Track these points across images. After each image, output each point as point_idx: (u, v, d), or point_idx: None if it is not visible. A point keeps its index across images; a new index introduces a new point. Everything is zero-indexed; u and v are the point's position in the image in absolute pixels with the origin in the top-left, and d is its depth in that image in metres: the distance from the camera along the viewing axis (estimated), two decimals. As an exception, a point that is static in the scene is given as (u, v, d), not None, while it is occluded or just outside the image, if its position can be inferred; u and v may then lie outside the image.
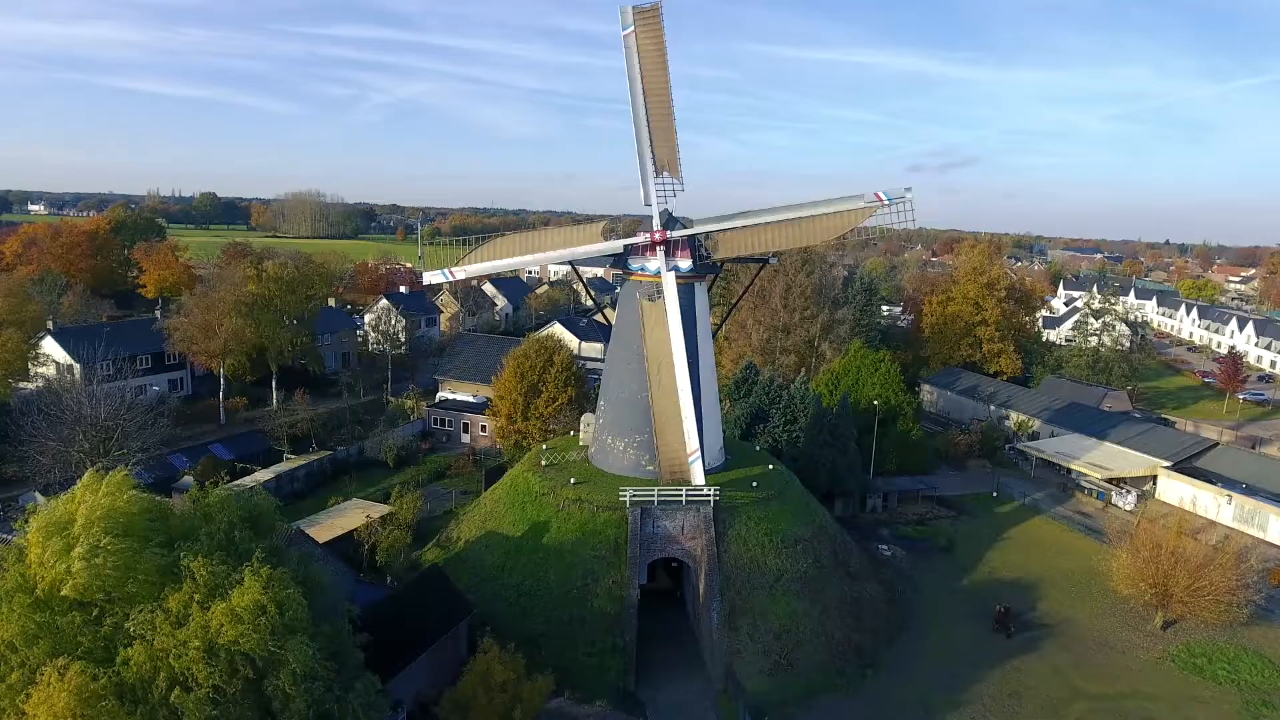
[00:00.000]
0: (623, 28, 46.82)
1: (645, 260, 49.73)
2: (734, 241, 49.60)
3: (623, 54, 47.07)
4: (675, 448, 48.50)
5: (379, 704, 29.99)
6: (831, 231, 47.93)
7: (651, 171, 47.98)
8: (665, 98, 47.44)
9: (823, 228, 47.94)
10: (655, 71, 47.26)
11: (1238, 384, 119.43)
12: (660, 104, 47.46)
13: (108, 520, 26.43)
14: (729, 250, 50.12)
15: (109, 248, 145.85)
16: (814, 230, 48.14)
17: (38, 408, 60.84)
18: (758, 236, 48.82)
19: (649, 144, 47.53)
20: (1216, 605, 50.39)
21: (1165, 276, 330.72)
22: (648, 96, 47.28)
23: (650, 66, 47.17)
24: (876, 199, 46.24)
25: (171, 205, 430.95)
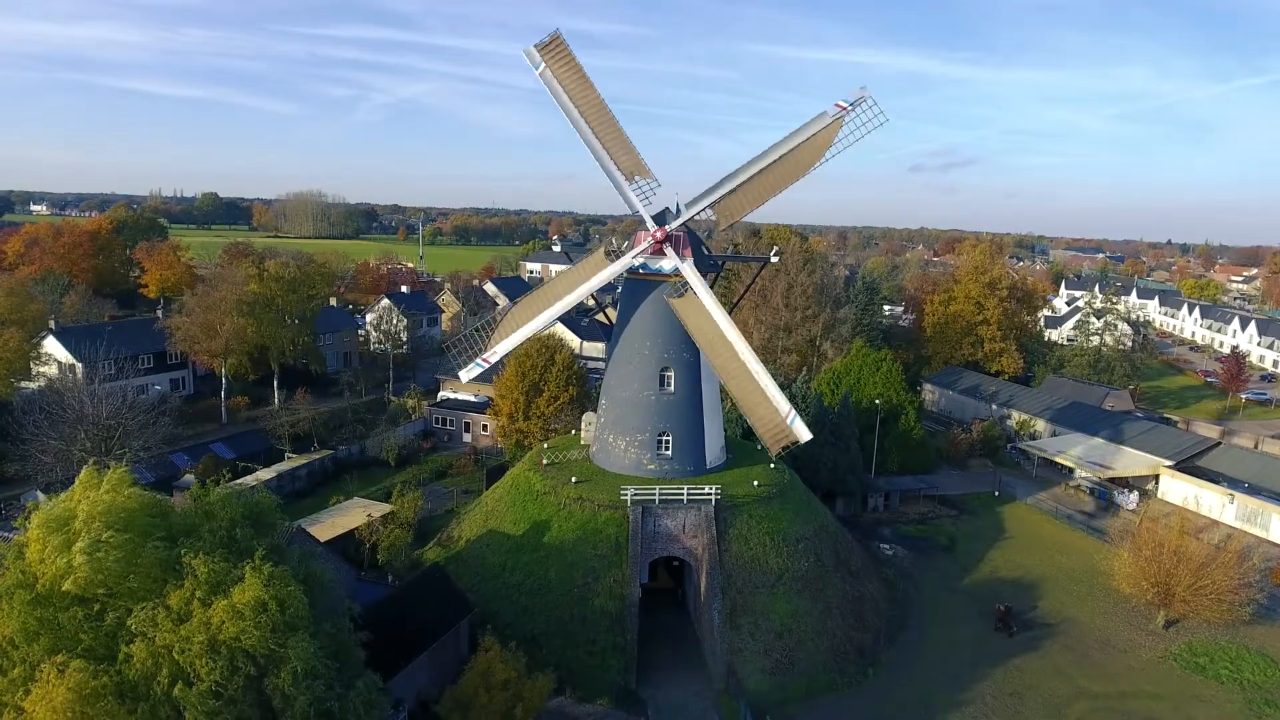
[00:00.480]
0: (535, 68, 47.25)
1: (660, 262, 49.37)
2: (732, 206, 48.55)
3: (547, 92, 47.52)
4: (769, 418, 46.87)
5: (380, 702, 29.96)
6: (814, 156, 46.77)
7: (624, 181, 47.77)
8: (603, 111, 47.55)
9: (805, 157, 47.00)
10: (582, 92, 47.41)
11: (1240, 384, 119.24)
12: (602, 118, 47.54)
13: (109, 516, 26.44)
14: (729, 216, 49.03)
15: (111, 248, 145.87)
16: (798, 162, 47.13)
17: (40, 407, 60.94)
18: (750, 191, 47.90)
19: (610, 159, 47.54)
20: (1219, 604, 50.33)
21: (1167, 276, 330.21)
22: (587, 117, 47.40)
23: (576, 90, 47.39)
24: (839, 108, 45.87)
25: (173, 205, 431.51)
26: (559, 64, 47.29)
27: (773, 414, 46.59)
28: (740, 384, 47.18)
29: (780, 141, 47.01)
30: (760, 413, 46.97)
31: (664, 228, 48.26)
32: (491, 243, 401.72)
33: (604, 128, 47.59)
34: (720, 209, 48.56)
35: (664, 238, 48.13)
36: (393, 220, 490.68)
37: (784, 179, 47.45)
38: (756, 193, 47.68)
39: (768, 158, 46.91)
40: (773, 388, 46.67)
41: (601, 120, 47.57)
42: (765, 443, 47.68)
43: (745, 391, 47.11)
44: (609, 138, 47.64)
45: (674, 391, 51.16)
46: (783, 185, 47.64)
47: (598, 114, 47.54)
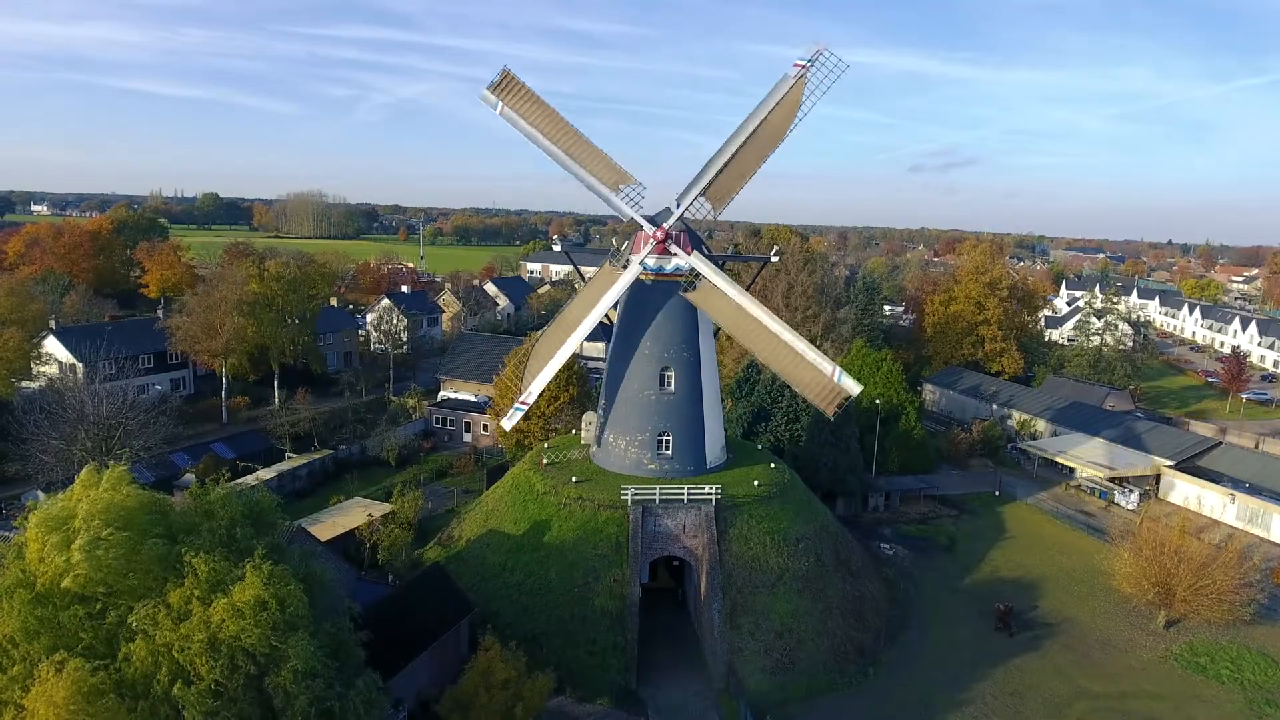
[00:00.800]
0: (494, 109, 47.62)
1: (669, 261, 49.35)
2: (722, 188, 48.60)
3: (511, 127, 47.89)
4: (816, 380, 46.61)
5: (380, 701, 29.96)
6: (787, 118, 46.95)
7: (610, 193, 48.04)
8: (571, 133, 47.86)
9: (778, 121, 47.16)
10: (545, 119, 47.73)
11: (1241, 384, 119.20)
12: (570, 138, 47.85)
13: (108, 514, 26.42)
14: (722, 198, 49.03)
15: (111, 248, 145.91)
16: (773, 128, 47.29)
17: (40, 406, 60.93)
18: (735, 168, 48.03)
19: (591, 176, 47.83)
20: (1219, 604, 50.29)
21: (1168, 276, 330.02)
22: (557, 142, 47.70)
23: (540, 119, 47.72)
24: (798, 67, 46.15)
25: (174, 205, 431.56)
26: (516, 99, 47.84)
27: (818, 376, 46.39)
28: (778, 356, 47.27)
29: (752, 113, 47.37)
30: (805, 377, 46.78)
31: (663, 226, 48.23)
32: (492, 243, 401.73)
33: (576, 148, 48.06)
34: (712, 194, 48.70)
35: (665, 236, 48.08)
36: (393, 220, 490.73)
37: (764, 148, 47.82)
38: (742, 168, 47.98)
39: (744, 131, 47.22)
40: (811, 351, 46.73)
41: (572, 141, 48.04)
42: (819, 405, 47.16)
43: (785, 362, 47.14)
44: (584, 156, 48.09)
45: (674, 391, 51.14)
46: (764, 154, 47.96)
47: (566, 136, 48.01)
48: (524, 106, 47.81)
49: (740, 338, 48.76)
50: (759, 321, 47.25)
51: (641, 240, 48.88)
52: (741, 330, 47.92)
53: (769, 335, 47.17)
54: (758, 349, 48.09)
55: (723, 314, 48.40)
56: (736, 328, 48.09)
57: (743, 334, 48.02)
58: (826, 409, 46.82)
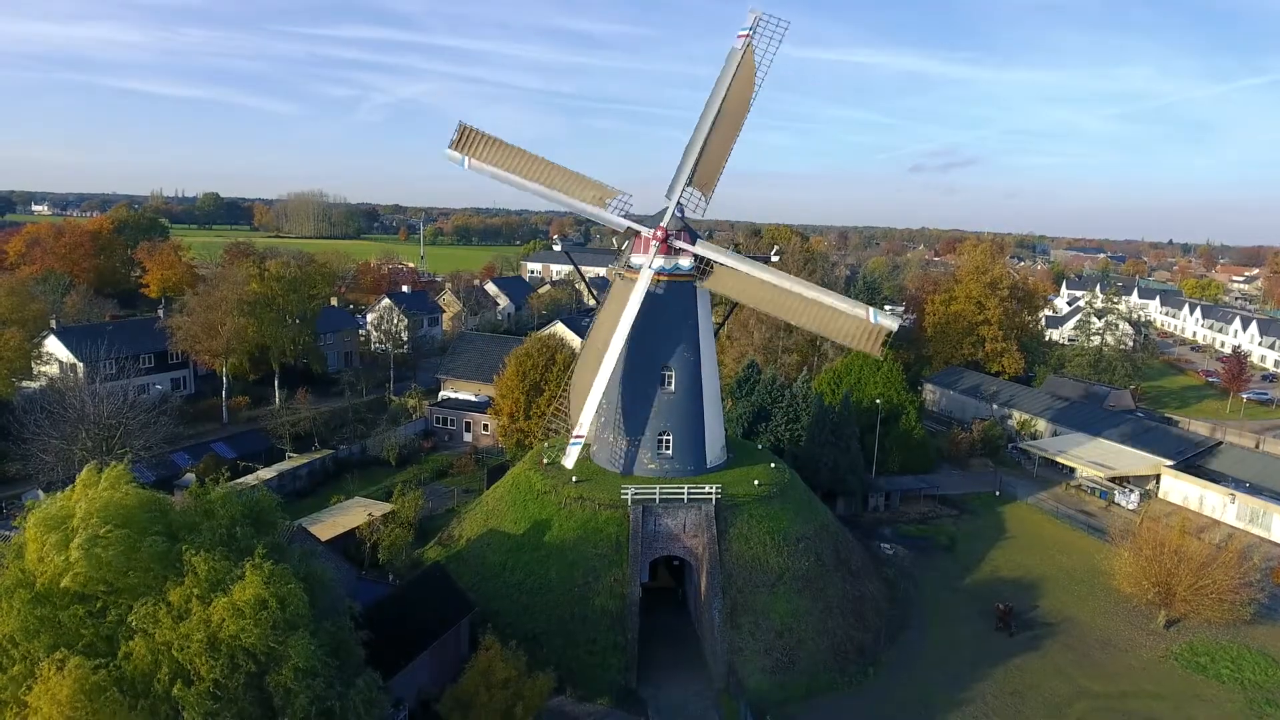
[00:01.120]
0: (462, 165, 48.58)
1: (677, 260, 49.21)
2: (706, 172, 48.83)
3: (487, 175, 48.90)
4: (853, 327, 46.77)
5: (380, 701, 29.99)
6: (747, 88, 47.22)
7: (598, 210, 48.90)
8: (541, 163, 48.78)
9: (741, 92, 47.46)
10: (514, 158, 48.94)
11: (1241, 383, 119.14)
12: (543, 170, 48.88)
13: (106, 512, 26.43)
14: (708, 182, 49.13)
15: (112, 248, 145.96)
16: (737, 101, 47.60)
17: (41, 406, 60.97)
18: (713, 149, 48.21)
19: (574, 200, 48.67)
20: (1220, 604, 50.27)
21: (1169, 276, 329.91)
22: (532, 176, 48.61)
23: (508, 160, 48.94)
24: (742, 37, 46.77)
25: (175, 205, 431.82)
26: (480, 148, 48.98)
27: (854, 322, 46.83)
28: (810, 314, 47.72)
29: (713, 91, 47.79)
30: (843, 326, 47.19)
31: (661, 225, 48.25)
32: (492, 242, 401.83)
33: (553, 177, 48.88)
34: (698, 180, 48.92)
35: (665, 235, 48.11)
36: (394, 220, 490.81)
37: (735, 123, 48.33)
38: (720, 147, 48.43)
39: (710, 110, 47.55)
40: (840, 301, 47.36)
41: (546, 173, 48.87)
42: (865, 349, 47.61)
43: (819, 317, 47.62)
44: (562, 183, 48.89)
45: (674, 390, 51.15)
46: (737, 128, 48.51)
47: (540, 169, 48.86)
48: (490, 153, 49.00)
49: (766, 308, 49.49)
50: (782, 289, 47.65)
51: (643, 242, 48.95)
52: (767, 301, 48.46)
53: (794, 297, 47.60)
54: (789, 314, 48.55)
55: (744, 292, 48.99)
56: (762, 300, 48.62)
57: (770, 304, 48.67)
58: (874, 349, 47.32)
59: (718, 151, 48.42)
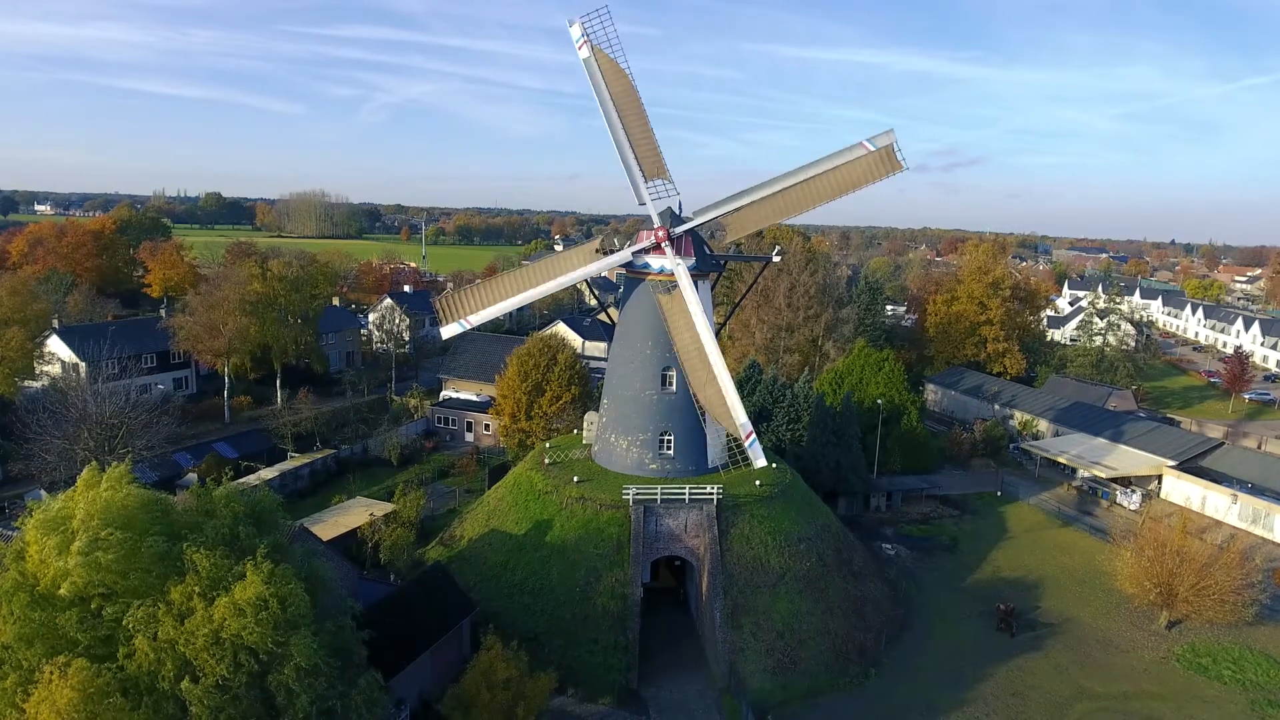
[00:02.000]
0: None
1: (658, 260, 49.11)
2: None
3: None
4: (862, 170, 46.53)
5: (382, 701, 30.05)
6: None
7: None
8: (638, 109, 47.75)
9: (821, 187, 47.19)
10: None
11: (1243, 383, 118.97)
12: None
13: (107, 514, 26.43)
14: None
15: (114, 247, 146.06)
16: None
17: (43, 406, 61.04)
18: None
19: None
20: (1221, 605, 50.18)
21: (1171, 276, 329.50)
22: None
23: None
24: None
25: (177, 205, 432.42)
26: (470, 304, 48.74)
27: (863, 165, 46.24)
28: (709, 394, 47.51)
29: (600, 102, 47.13)
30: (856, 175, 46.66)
31: (665, 227, 48.20)
32: (494, 243, 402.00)
33: (636, 126, 47.55)
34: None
35: (666, 237, 48.05)
36: (396, 220, 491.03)
37: (636, 108, 47.72)
38: (641, 135, 47.75)
39: (611, 116, 46.92)
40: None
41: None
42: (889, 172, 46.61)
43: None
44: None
45: (676, 391, 51.13)
46: (641, 111, 47.88)
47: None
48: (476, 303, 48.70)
49: (683, 356, 48.28)
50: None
51: (644, 236, 48.91)
52: (687, 350, 47.74)
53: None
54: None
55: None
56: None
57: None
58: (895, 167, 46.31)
59: (641, 138, 47.62)
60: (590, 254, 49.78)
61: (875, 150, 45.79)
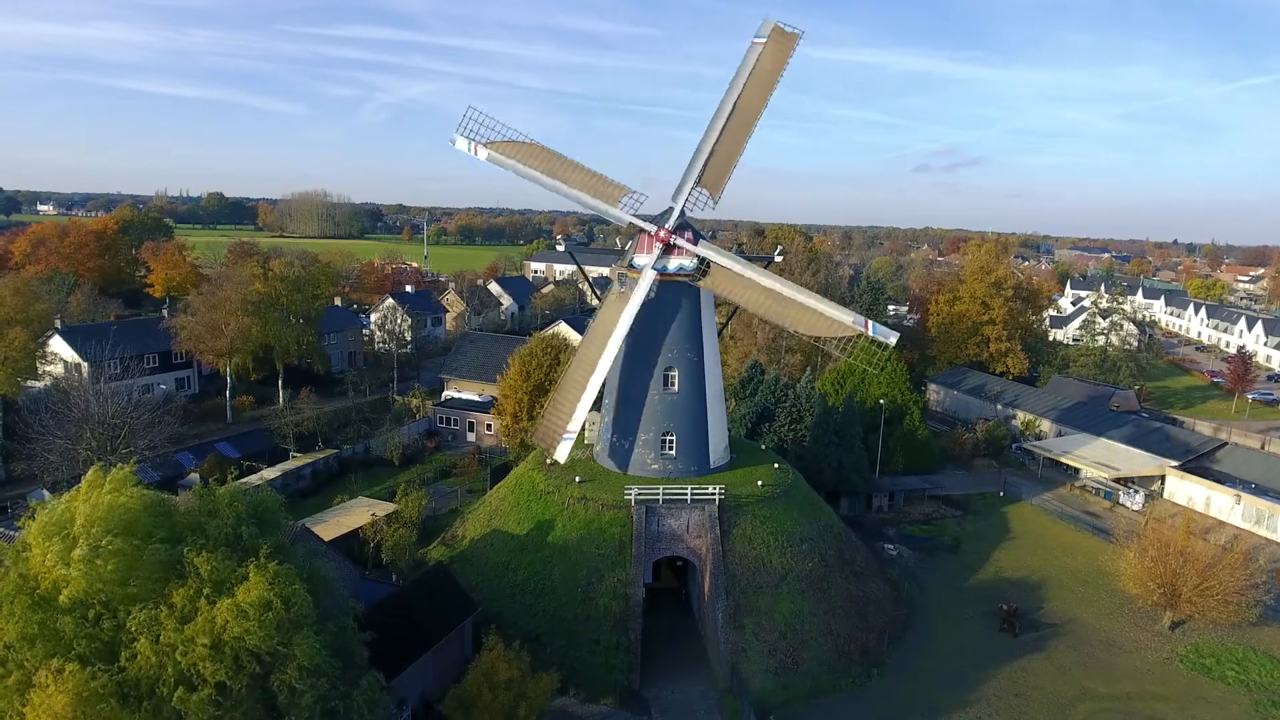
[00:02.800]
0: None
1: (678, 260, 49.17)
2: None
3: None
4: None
5: (384, 701, 30.04)
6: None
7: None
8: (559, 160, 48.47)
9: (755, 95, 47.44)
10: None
11: (1246, 384, 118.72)
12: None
13: (109, 519, 26.34)
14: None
15: (117, 247, 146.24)
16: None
17: (46, 406, 61.13)
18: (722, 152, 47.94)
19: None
20: (1225, 606, 50.06)
21: (1173, 276, 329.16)
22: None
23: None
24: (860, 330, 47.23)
25: (179, 205, 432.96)
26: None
27: (851, 333, 47.32)
28: (806, 322, 47.72)
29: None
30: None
31: (665, 226, 48.17)
32: (496, 242, 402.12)
33: (567, 172, 48.45)
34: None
35: (668, 236, 48.01)
36: (397, 220, 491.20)
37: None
38: (730, 149, 48.03)
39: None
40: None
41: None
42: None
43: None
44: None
45: (678, 391, 51.12)
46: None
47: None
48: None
49: (764, 313, 49.36)
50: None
51: (647, 242, 48.83)
52: (763, 306, 48.32)
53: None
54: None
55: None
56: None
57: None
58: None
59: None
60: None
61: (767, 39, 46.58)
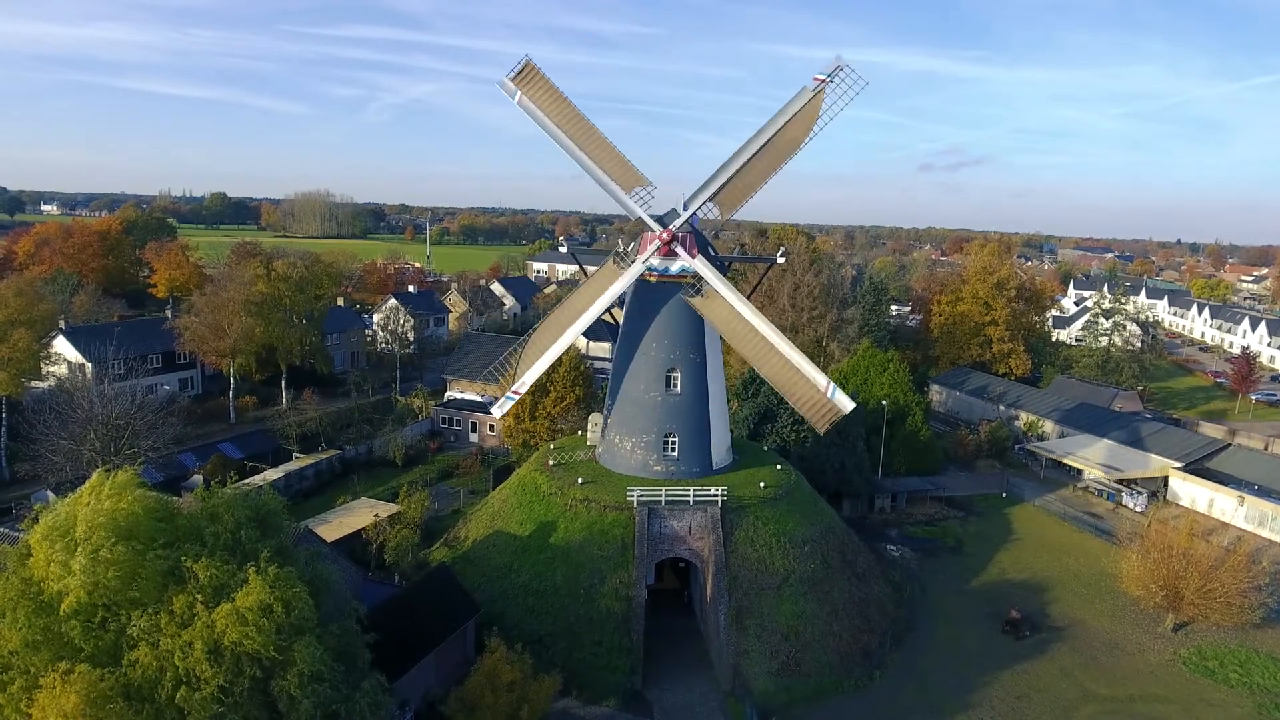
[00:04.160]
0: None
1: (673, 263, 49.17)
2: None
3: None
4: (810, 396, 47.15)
5: (386, 704, 30.05)
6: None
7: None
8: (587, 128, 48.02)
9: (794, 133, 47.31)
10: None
11: (1250, 384, 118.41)
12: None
13: (111, 525, 26.37)
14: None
15: (120, 247, 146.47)
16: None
17: (50, 406, 61.22)
18: (746, 176, 48.05)
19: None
20: (1228, 608, 49.98)
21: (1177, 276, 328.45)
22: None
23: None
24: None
25: (182, 205, 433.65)
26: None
27: (812, 391, 46.80)
28: (774, 368, 47.57)
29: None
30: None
31: (669, 228, 48.18)
32: (498, 242, 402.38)
33: (594, 146, 47.95)
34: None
35: (670, 239, 48.03)
36: (400, 220, 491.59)
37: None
38: (752, 178, 47.98)
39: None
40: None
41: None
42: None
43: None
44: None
45: (680, 393, 51.10)
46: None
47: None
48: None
49: (737, 346, 49.00)
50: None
51: (648, 240, 48.82)
52: (739, 338, 48.08)
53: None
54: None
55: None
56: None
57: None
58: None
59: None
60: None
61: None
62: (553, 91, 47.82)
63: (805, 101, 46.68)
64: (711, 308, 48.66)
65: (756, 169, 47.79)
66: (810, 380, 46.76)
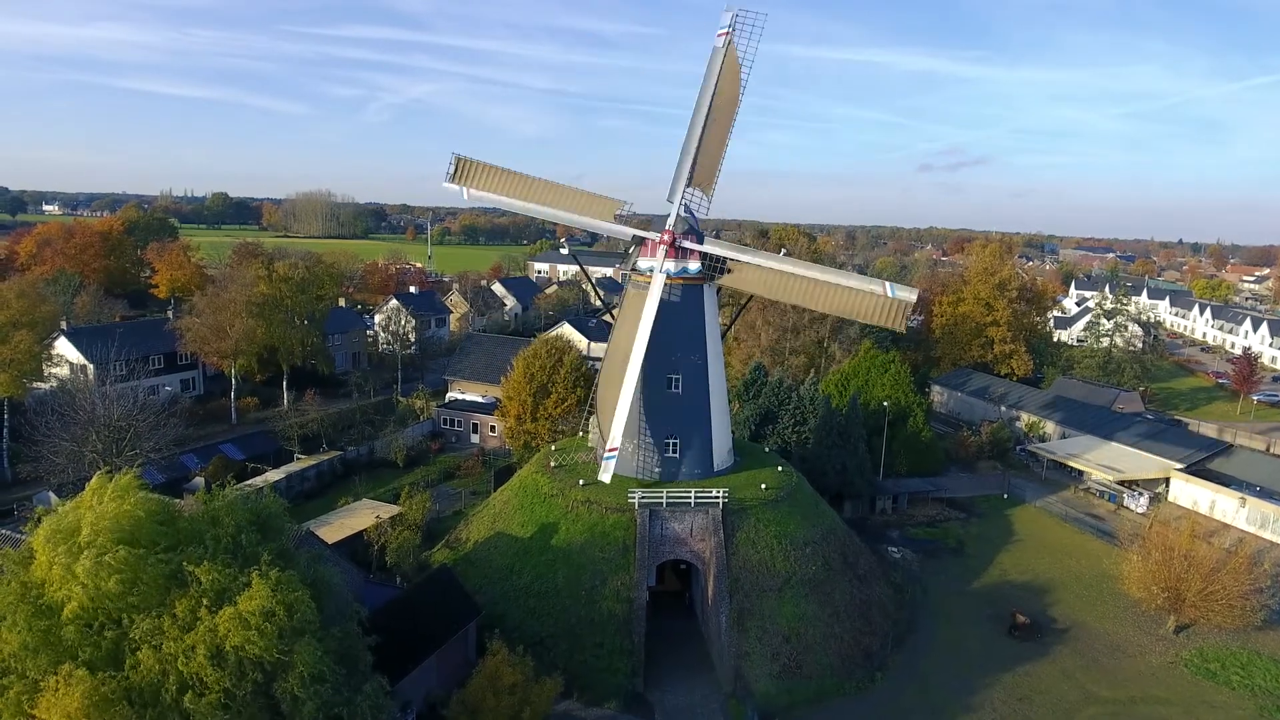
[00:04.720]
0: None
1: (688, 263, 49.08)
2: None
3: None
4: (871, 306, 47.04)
5: (387, 706, 30.06)
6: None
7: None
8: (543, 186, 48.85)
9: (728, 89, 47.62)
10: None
11: (1252, 385, 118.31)
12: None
13: (114, 529, 26.39)
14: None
15: (122, 248, 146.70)
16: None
17: (52, 408, 61.33)
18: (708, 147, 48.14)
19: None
20: (1230, 609, 49.94)
21: (1178, 276, 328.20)
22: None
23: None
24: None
25: (184, 205, 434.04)
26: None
27: (873, 299, 46.85)
28: (828, 300, 47.84)
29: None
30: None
31: (668, 228, 48.19)
32: (499, 242, 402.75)
33: (558, 198, 48.88)
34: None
35: (671, 239, 48.03)
36: (401, 220, 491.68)
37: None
38: (714, 147, 48.41)
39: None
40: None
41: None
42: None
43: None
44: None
45: (681, 394, 51.08)
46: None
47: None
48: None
49: (783, 297, 49.82)
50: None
51: (651, 246, 48.83)
52: (782, 290, 48.61)
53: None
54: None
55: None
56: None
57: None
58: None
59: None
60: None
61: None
62: (493, 172, 49.09)
63: (723, 59, 47.20)
64: (743, 279, 49.15)
65: (714, 137, 48.13)
66: (868, 291, 47.00)
